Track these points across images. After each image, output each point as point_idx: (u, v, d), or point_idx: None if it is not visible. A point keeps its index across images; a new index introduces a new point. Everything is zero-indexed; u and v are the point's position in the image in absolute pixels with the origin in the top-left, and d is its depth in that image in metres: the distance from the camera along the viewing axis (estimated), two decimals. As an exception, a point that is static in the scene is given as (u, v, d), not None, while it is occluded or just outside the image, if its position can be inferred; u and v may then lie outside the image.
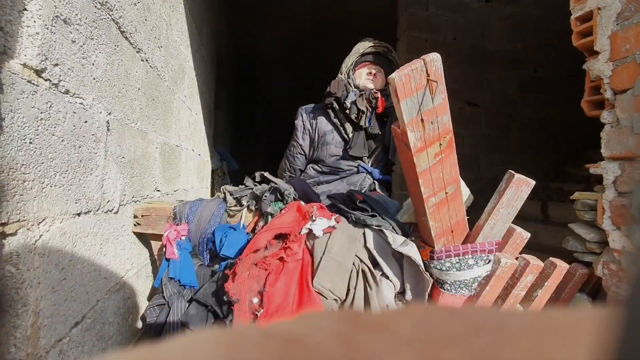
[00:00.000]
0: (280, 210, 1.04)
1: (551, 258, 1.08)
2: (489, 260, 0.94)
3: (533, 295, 1.08)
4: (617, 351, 0.09)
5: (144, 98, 1.35)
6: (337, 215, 0.97)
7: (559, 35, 3.94)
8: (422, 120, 0.72)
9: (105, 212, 1.04)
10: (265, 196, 1.07)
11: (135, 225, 1.28)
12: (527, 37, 3.91)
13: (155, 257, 1.38)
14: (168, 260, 1.14)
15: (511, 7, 3.94)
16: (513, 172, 0.89)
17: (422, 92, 0.69)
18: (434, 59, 0.68)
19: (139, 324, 1.35)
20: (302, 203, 1.05)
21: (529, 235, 0.99)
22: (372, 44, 1.54)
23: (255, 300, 0.91)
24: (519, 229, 0.97)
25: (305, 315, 0.15)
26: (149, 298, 1.46)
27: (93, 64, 0.94)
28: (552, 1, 3.92)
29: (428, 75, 0.68)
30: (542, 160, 3.94)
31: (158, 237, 1.32)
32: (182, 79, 2.01)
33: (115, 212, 1.12)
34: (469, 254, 0.92)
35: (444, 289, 0.95)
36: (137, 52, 1.27)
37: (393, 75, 0.66)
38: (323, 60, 6.07)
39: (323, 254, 0.91)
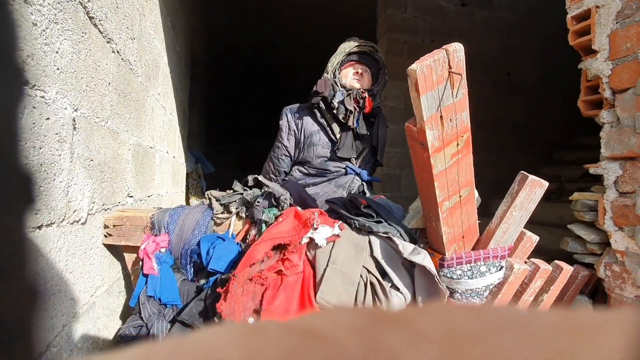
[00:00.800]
0: (276, 218, 0.94)
1: (556, 261, 1.05)
2: (501, 267, 0.89)
3: (539, 300, 1.05)
4: None
5: (115, 94, 1.21)
6: (340, 222, 0.89)
7: (530, 40, 4.10)
8: (441, 117, 0.65)
9: (71, 224, 0.90)
10: (258, 202, 0.97)
11: (106, 236, 1.13)
12: (500, 40, 4.03)
13: (129, 270, 1.24)
14: (146, 276, 1.00)
15: (486, 11, 4.04)
16: (526, 173, 0.85)
17: (443, 86, 0.62)
18: (457, 49, 0.61)
19: (112, 348, 1.20)
20: (299, 209, 0.95)
21: (537, 238, 0.95)
22: (358, 44, 1.49)
23: (251, 320, 0.80)
24: (528, 233, 0.93)
25: (326, 310, 0.15)
26: (122, 316, 1.31)
27: (57, 52, 0.80)
28: (525, 7, 4.07)
29: (450, 67, 0.61)
30: (516, 161, 4.05)
31: (132, 249, 1.18)
32: (156, 75, 1.85)
33: (83, 223, 0.98)
34: (481, 260, 0.87)
35: (454, 299, 0.89)
36: (108, 42, 1.13)
37: (414, 66, 0.59)
38: (301, 61, 6.00)
39: (327, 265, 0.83)
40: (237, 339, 0.12)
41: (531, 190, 0.83)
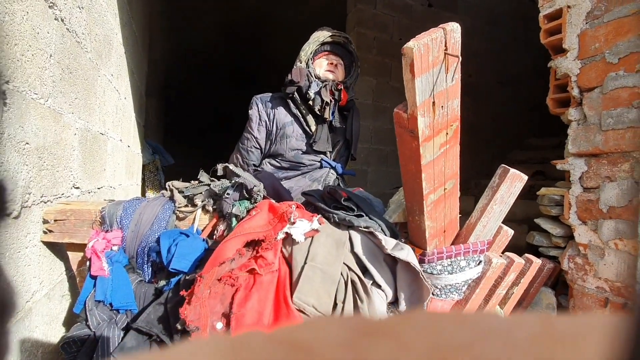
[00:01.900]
0: (248, 211, 0.85)
1: (526, 254, 1.07)
2: (480, 261, 0.88)
3: (509, 294, 1.07)
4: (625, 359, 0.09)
5: (57, 69, 1.04)
6: (319, 216, 0.82)
7: (490, 45, 4.30)
8: (433, 103, 0.61)
9: (0, 217, 0.76)
10: (228, 194, 0.88)
11: (45, 232, 0.98)
12: (462, 43, 4.17)
13: (74, 272, 1.09)
14: (94, 278, 0.88)
15: (449, 14, 4.16)
16: (507, 166, 0.84)
17: (437, 69, 0.58)
18: (454, 29, 0.57)
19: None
20: (274, 202, 0.88)
21: (512, 232, 0.96)
22: (332, 34, 1.44)
23: (219, 325, 0.72)
24: (505, 227, 0.93)
25: (310, 321, 0.15)
26: (66, 323, 1.15)
27: (-21, 8, 0.66)
28: (486, 13, 4.25)
29: (446, 48, 0.57)
30: (474, 161, 4.25)
31: (78, 247, 1.03)
32: (108, 53, 1.66)
33: (16, 217, 0.83)
34: (462, 255, 0.85)
35: (434, 294, 0.87)
36: (50, 6, 0.97)
37: (410, 44, 0.54)
38: (266, 52, 5.83)
39: (305, 262, 0.76)
40: (222, 353, 0.12)
41: (512, 184, 0.83)
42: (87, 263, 0.91)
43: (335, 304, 0.76)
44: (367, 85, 3.55)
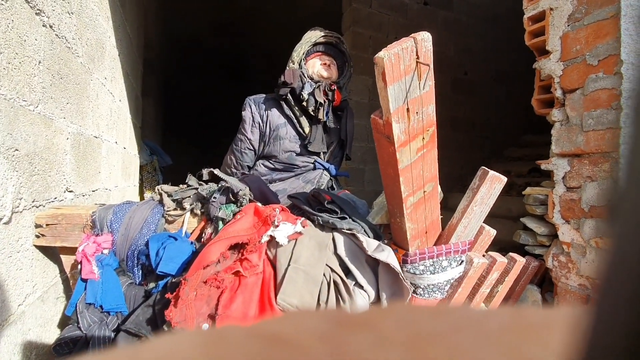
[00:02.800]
0: (234, 215, 0.87)
1: (510, 253, 1.09)
2: (462, 261, 0.90)
3: (494, 292, 1.09)
4: (585, 349, 0.09)
5: (47, 75, 1.06)
6: (303, 219, 0.84)
7: (485, 43, 4.30)
8: (407, 110, 0.63)
9: (-10, 224, 0.78)
10: (215, 198, 0.90)
11: (37, 236, 1.00)
12: (458, 41, 4.18)
13: (68, 275, 1.11)
14: (85, 281, 0.90)
15: (445, 12, 4.16)
16: (486, 168, 0.86)
17: (410, 77, 0.59)
18: (425, 39, 0.59)
19: (46, 361, 1.07)
20: (260, 205, 0.90)
21: (495, 232, 0.97)
22: (324, 34, 1.44)
23: (206, 326, 0.74)
24: (487, 227, 0.95)
25: (290, 314, 0.15)
26: (61, 325, 1.18)
27: (-36, 20, 0.67)
28: (481, 11, 4.25)
29: (417, 57, 0.58)
30: (470, 158, 4.27)
31: (70, 250, 1.05)
32: (101, 57, 1.68)
33: (7, 222, 0.85)
34: (443, 255, 0.87)
35: (417, 294, 0.89)
36: (37, 13, 0.98)
37: (381, 54, 0.56)
38: (261, 49, 5.83)
39: (288, 264, 0.78)
40: (199, 347, 0.12)
41: (491, 186, 0.85)
42: (78, 266, 0.93)
43: (318, 305, 0.78)
44: (363, 84, 3.55)
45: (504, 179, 0.85)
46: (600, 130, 0.97)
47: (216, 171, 0.99)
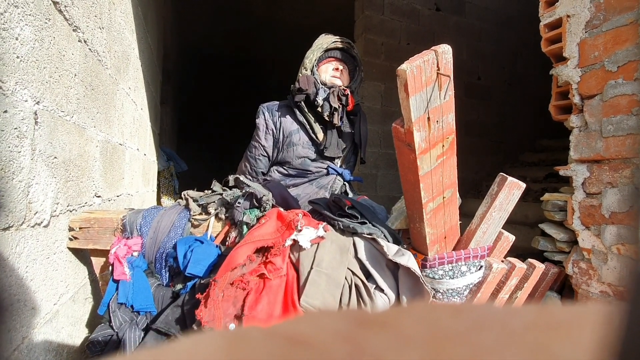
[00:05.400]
0: (258, 219, 0.91)
1: (529, 259, 1.09)
2: (481, 266, 0.91)
3: (514, 298, 1.09)
4: (619, 347, 0.09)
5: (81, 87, 1.12)
6: (325, 223, 0.87)
7: (499, 47, 4.28)
8: (428, 118, 0.65)
9: (32, 227, 0.83)
10: (239, 203, 0.93)
11: (71, 239, 1.05)
12: (471, 46, 4.17)
13: (97, 276, 1.16)
14: (117, 282, 0.94)
15: (458, 17, 4.17)
16: (505, 174, 0.87)
17: (431, 88, 0.62)
18: (445, 51, 0.61)
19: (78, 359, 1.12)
20: (282, 210, 0.93)
21: (514, 238, 0.98)
22: (335, 40, 1.47)
23: (232, 326, 0.77)
24: (505, 233, 0.96)
25: (309, 314, 0.15)
26: (89, 324, 1.23)
27: (17, 39, 0.73)
28: (494, 16, 4.24)
29: (438, 68, 0.61)
30: (485, 162, 4.23)
31: (101, 252, 1.11)
32: (126, 68, 1.76)
33: (45, 226, 0.90)
34: (462, 260, 0.88)
35: (436, 298, 0.90)
36: (74, 30, 1.05)
37: (404, 66, 0.59)
38: (278, 57, 5.93)
39: (311, 267, 0.81)
40: (221, 348, 0.12)
41: (510, 192, 0.86)
42: (110, 268, 0.98)
43: (340, 307, 0.80)
44: (376, 90, 3.58)
45: (523, 185, 0.87)
46: (621, 136, 0.98)
47: (241, 177, 1.03)
